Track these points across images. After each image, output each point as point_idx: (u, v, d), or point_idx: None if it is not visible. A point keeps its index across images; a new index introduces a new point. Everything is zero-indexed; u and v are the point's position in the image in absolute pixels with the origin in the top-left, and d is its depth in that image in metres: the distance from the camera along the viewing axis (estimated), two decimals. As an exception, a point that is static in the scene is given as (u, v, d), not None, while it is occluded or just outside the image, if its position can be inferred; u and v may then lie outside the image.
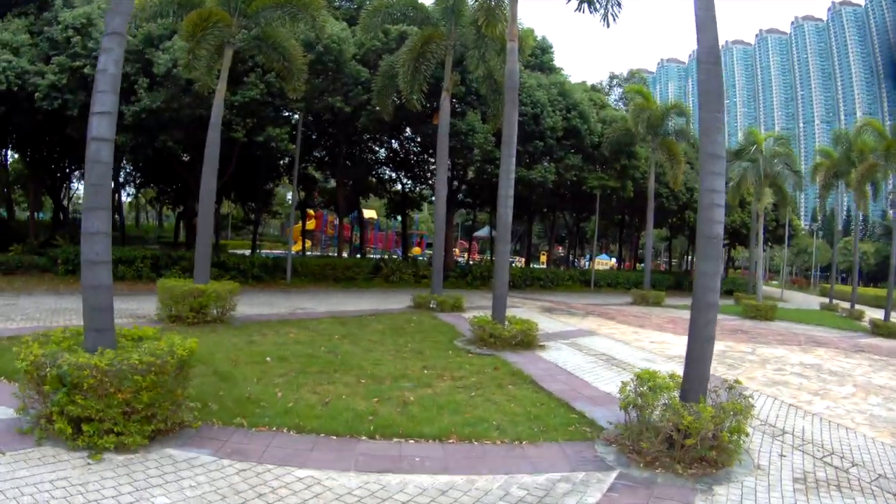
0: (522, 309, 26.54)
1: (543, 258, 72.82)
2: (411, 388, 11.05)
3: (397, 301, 25.49)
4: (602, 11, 17.70)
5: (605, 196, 40.78)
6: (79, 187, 50.86)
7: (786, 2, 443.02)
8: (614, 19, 17.58)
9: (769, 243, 61.62)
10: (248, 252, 39.39)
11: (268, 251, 44.38)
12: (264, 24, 19.98)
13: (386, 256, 41.01)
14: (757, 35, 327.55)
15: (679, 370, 9.14)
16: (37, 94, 23.36)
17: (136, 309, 18.67)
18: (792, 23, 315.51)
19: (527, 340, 16.44)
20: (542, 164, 34.19)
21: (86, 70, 23.24)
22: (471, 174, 36.59)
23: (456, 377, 12.20)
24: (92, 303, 8.29)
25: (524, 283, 38.11)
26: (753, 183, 37.45)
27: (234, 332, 15.69)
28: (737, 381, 9.00)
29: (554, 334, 19.83)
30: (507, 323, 16.97)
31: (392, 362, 13.21)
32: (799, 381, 14.92)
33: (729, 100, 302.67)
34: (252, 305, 21.02)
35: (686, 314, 14.82)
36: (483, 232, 62.49)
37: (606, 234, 73.64)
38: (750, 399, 8.57)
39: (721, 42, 9.64)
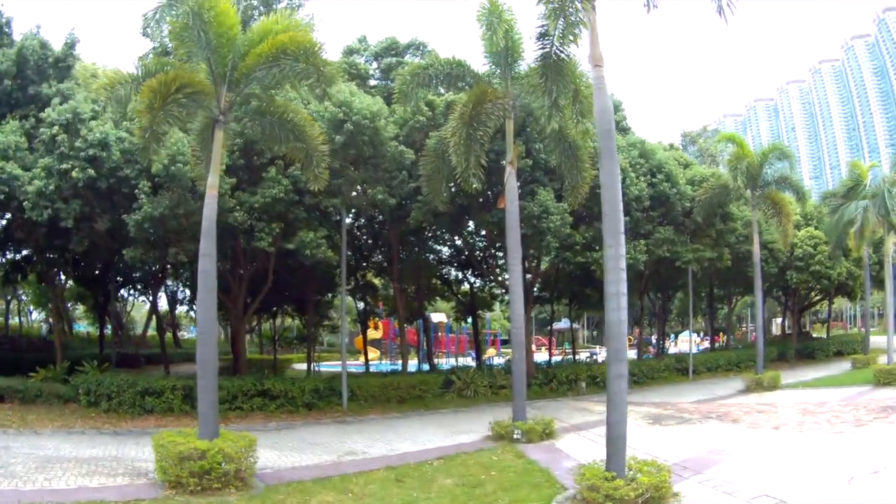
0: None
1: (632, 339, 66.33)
2: None
3: (472, 427, 20.35)
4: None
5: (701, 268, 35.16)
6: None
7: (831, 24, 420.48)
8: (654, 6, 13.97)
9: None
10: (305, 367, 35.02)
11: (328, 364, 39.75)
12: (260, 91, 15.84)
13: (457, 366, 35.89)
14: (811, 69, 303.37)
15: None
16: (25, 204, 19.91)
17: (144, 460, 14.73)
18: (842, 46, 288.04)
19: (657, 496, 11.23)
20: (629, 243, 28.66)
21: (74, 174, 19.67)
22: (545, 265, 31.60)
23: None
24: None
25: (615, 382, 32.23)
26: (877, 222, 31.97)
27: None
28: None
29: (684, 466, 14.43)
30: (628, 472, 11.65)
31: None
32: None
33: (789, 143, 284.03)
34: (289, 450, 16.55)
35: (816, 396, 9.37)
36: (562, 324, 56.65)
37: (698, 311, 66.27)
38: None
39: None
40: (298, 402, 22.75)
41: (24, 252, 30.04)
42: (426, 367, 36.95)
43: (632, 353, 48.20)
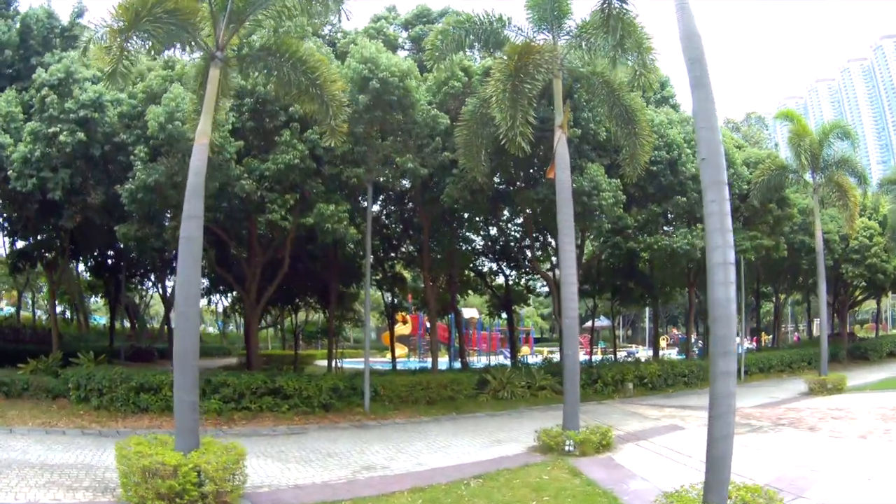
0: (689, 429, 18.19)
1: (663, 343, 62.72)
2: None
3: (513, 435, 17.21)
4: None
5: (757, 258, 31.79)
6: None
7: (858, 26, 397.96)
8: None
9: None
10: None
11: (353, 361, 36.64)
12: (263, 19, 12.84)
13: (492, 365, 32.60)
14: (840, 69, 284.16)
15: None
16: (10, 173, 17.49)
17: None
18: (871, 46, 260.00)
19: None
20: (682, 228, 25.28)
21: (62, 137, 16.99)
22: (587, 255, 28.25)
23: None
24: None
25: (665, 382, 28.91)
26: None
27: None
28: None
29: (777, 488, 11.25)
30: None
31: None
32: None
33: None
34: (296, 462, 13.50)
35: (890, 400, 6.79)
36: (603, 321, 52.90)
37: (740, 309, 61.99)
38: None
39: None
40: (314, 402, 19.61)
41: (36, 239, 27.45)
42: (457, 365, 33.73)
43: (669, 353, 44.88)
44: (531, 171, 21.92)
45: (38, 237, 25.32)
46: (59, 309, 53.68)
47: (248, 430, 16.97)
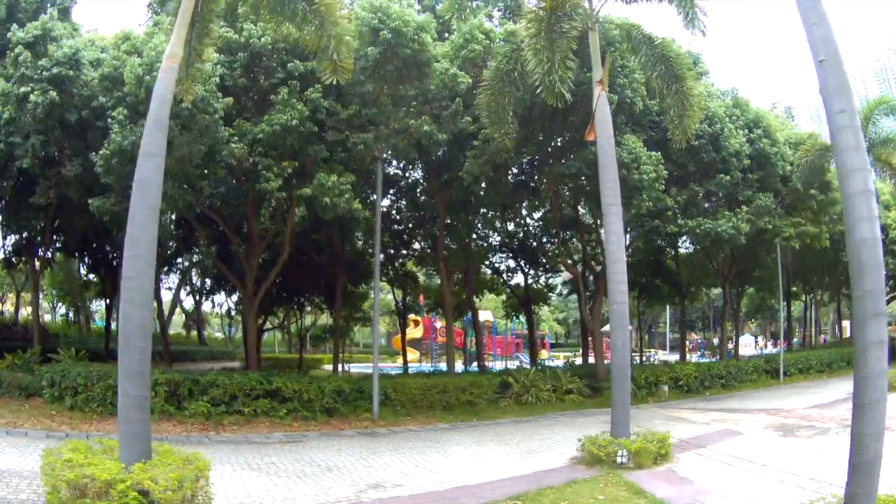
0: (748, 434, 15.77)
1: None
2: None
3: (546, 444, 14.39)
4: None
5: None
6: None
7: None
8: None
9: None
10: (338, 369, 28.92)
11: (362, 365, 33.64)
12: None
13: (513, 367, 29.67)
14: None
15: None
16: None
17: None
18: None
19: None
20: (725, 211, 22.44)
21: (33, 97, 14.62)
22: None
23: None
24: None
25: (702, 384, 26.01)
26: None
27: None
28: None
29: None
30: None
31: None
32: None
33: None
34: (288, 477, 10.63)
35: None
36: (606, 328, 49.64)
37: (762, 310, 58.63)
38: None
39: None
40: (316, 406, 16.72)
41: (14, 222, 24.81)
42: (474, 369, 30.74)
43: (690, 358, 41.69)
44: (562, 142, 19.18)
45: (18, 222, 22.66)
46: (61, 311, 51.38)
47: (238, 436, 14.17)
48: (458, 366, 30.77)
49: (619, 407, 12.78)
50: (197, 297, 44.44)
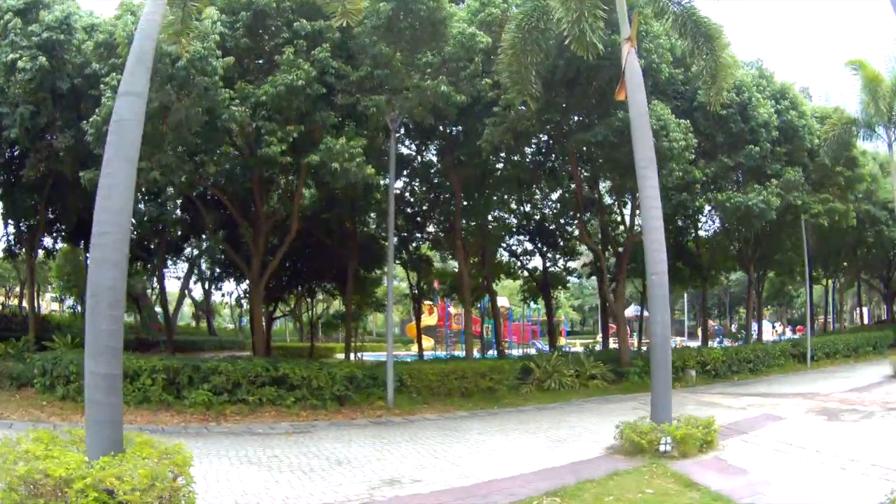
0: (790, 419, 14.54)
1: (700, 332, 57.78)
2: None
3: (578, 432, 13.04)
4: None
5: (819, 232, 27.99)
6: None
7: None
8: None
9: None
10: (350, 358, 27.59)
11: (375, 354, 32.34)
12: None
13: (533, 351, 28.35)
14: None
15: None
16: None
17: None
18: None
19: None
20: (754, 184, 21.06)
21: (21, 63, 13.47)
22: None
23: None
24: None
25: (729, 368, 24.72)
26: None
27: None
28: None
29: None
30: None
31: None
32: None
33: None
34: (292, 472, 9.31)
35: None
36: (632, 310, 47.76)
37: (780, 296, 56.80)
38: None
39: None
40: (326, 393, 15.43)
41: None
42: (491, 356, 29.36)
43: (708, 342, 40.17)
44: (586, 109, 17.84)
45: (13, 205, 21.46)
46: (69, 303, 50.16)
47: (240, 427, 12.90)
48: (475, 354, 29.48)
49: (659, 390, 11.39)
50: (206, 287, 43.22)
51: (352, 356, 27.26)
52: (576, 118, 18.34)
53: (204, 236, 28.79)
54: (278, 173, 18.47)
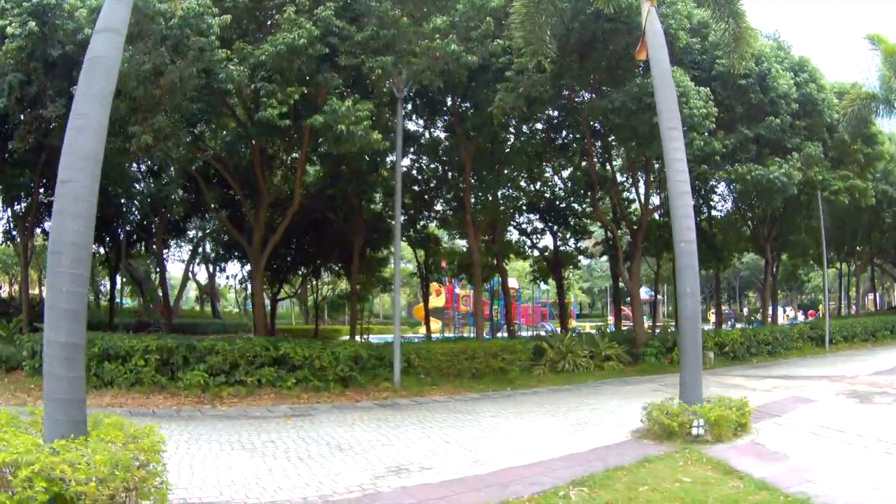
0: (820, 401, 13.70)
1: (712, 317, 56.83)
2: None
3: (599, 415, 12.10)
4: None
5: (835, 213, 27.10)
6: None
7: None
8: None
9: None
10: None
11: (382, 337, 31.44)
12: None
13: (546, 332, 27.38)
14: None
15: None
16: None
17: None
18: None
19: None
20: (775, 158, 19.99)
21: (10, 29, 13.00)
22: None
23: None
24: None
25: (748, 350, 23.80)
26: None
27: None
28: None
29: None
30: None
31: None
32: None
33: None
34: (287, 458, 8.36)
35: None
36: (644, 293, 46.51)
37: (791, 279, 55.43)
38: None
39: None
40: (329, 374, 14.50)
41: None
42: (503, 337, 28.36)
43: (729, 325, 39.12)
44: (601, 75, 16.86)
45: (3, 179, 20.55)
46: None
47: (236, 410, 11.97)
48: (484, 335, 28.55)
49: (689, 368, 10.43)
50: (210, 269, 42.26)
51: (357, 338, 26.36)
52: (591, 82, 17.27)
53: (207, 216, 27.98)
54: (279, 145, 17.47)
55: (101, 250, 29.94)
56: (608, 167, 24.27)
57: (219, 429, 10.07)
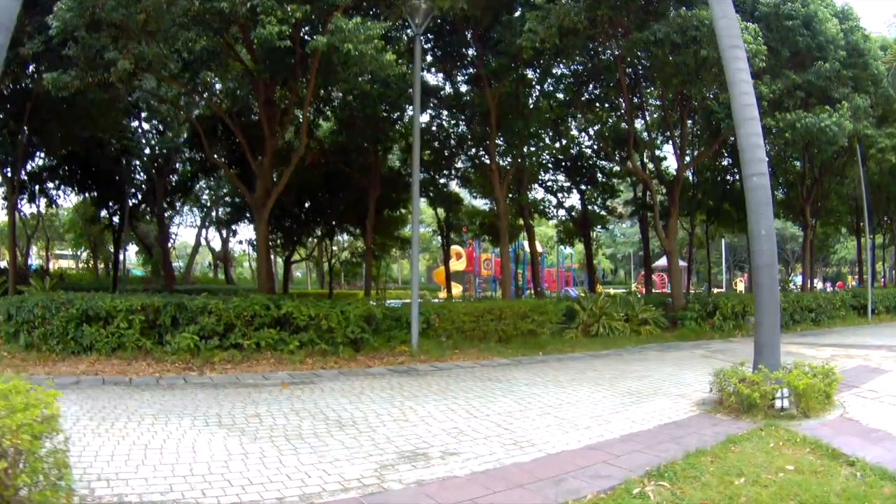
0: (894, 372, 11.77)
1: (739, 285, 54.94)
2: None
3: (652, 384, 10.20)
4: None
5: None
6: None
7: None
8: None
9: None
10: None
11: (400, 302, 29.68)
12: None
13: (580, 294, 25.36)
14: None
15: None
16: None
17: None
18: None
19: None
20: (825, 107, 17.95)
21: None
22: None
23: None
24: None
25: (791, 318, 21.84)
26: None
27: None
28: None
29: None
30: None
31: None
32: None
33: None
34: (271, 439, 6.39)
35: None
36: (662, 263, 44.39)
37: (820, 249, 52.99)
38: None
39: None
40: (338, 336, 12.67)
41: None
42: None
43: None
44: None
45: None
46: (83, 256, 48.05)
47: (226, 378, 10.12)
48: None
49: (767, 325, 8.46)
50: (223, 234, 40.59)
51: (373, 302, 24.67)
52: (629, 12, 15.10)
53: (214, 177, 26.37)
54: (287, 94, 15.56)
55: (104, 213, 28.42)
56: (644, 113, 22.29)
57: (199, 400, 8.26)
